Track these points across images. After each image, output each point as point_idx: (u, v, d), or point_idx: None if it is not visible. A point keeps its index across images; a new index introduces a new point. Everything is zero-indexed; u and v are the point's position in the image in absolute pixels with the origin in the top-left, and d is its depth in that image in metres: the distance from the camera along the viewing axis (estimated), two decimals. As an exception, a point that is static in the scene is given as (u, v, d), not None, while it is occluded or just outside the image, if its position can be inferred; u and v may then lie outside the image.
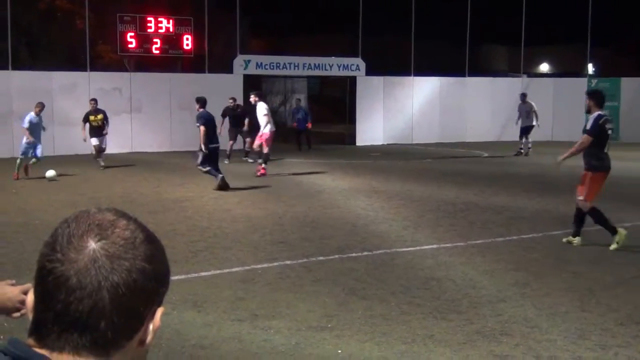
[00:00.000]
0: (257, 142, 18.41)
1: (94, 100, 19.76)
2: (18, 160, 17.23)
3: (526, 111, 24.36)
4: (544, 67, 48.80)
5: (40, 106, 17.57)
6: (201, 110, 15.64)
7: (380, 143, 28.25)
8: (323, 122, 33.88)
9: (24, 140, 17.29)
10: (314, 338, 6.21)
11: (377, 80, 29.06)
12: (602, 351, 5.93)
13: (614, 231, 9.81)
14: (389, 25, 34.76)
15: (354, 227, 11.41)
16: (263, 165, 18.01)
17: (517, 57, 33.39)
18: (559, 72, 44.31)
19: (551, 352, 5.92)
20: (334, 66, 28.77)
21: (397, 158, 23.28)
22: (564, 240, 10.12)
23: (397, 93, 29.39)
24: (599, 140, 9.89)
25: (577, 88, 31.44)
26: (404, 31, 30.33)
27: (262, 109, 18.10)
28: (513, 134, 30.51)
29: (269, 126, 18.05)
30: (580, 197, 9.98)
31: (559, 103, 31.11)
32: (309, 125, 26.71)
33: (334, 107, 34.35)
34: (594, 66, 37.71)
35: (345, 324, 6.57)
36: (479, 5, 31.30)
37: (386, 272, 8.50)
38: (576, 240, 10.01)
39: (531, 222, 11.86)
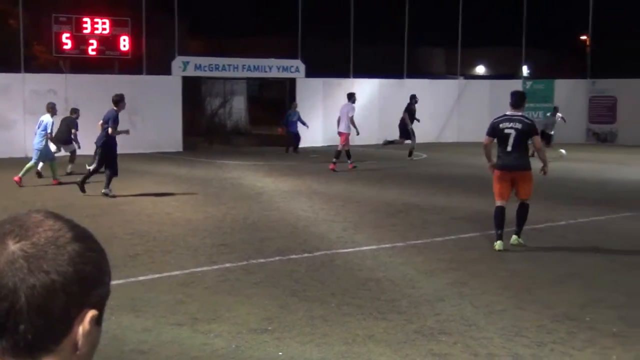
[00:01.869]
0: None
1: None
2: (52, 165, 16.57)
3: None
4: (481, 69, 49.57)
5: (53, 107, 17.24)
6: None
7: (320, 144, 28.32)
8: (263, 124, 33.79)
9: (46, 143, 16.66)
10: (255, 341, 6.19)
11: (317, 82, 29.13)
12: (538, 348, 6.06)
13: (499, 237, 9.89)
14: (329, 27, 34.86)
15: (294, 228, 11.42)
16: (334, 161, 19.66)
17: (455, 59, 33.88)
18: (495, 74, 45.07)
19: (489, 349, 6.02)
20: (273, 68, 28.73)
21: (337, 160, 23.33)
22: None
23: (336, 94, 29.46)
24: (498, 140, 10.08)
25: (512, 89, 32.01)
26: (343, 33, 30.48)
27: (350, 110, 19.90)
28: (451, 135, 31.01)
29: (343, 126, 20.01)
30: None
31: (495, 105, 31.60)
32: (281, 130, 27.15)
33: (274, 109, 34.31)
34: (529, 68, 38.44)
35: (285, 326, 6.57)
36: (417, 8, 31.65)
37: (326, 274, 8.53)
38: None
39: (469, 222, 12.04)
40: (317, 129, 28.70)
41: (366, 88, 30.09)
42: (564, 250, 9.96)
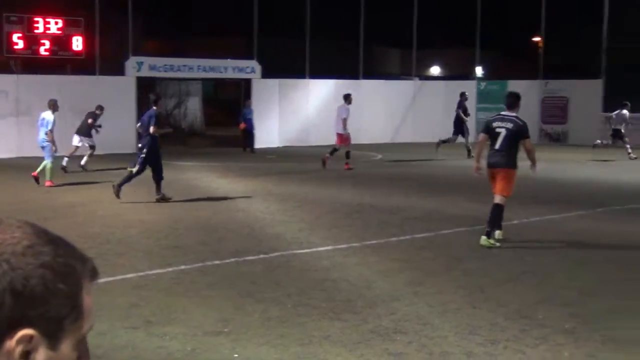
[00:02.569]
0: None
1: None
2: (50, 166, 16.20)
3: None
4: (436, 70, 49.96)
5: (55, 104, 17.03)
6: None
7: (276, 145, 28.28)
8: (218, 125, 33.63)
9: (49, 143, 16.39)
10: (210, 343, 6.16)
11: (273, 83, 29.08)
12: (491, 346, 6.12)
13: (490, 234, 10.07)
14: (284, 27, 34.82)
15: (250, 230, 11.38)
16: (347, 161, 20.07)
17: (410, 60, 34.10)
18: (449, 75, 45.45)
19: (443, 348, 6.06)
20: (229, 69, 28.61)
21: (293, 160, 23.36)
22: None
23: (292, 95, 29.50)
24: (490, 138, 10.32)
25: (467, 90, 32.36)
26: (299, 34, 30.48)
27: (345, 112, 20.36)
28: (407, 135, 31.20)
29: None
30: None
31: (449, 105, 31.90)
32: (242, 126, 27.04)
33: (230, 109, 34.17)
34: (483, 69, 38.83)
35: (241, 327, 6.55)
36: (372, 9, 31.79)
37: (282, 275, 8.52)
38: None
39: (424, 221, 12.12)
40: (273, 129, 28.66)
41: (322, 89, 30.13)
42: (517, 248, 10.08)
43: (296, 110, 29.47)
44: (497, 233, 10.22)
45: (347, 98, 20.80)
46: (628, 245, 10.31)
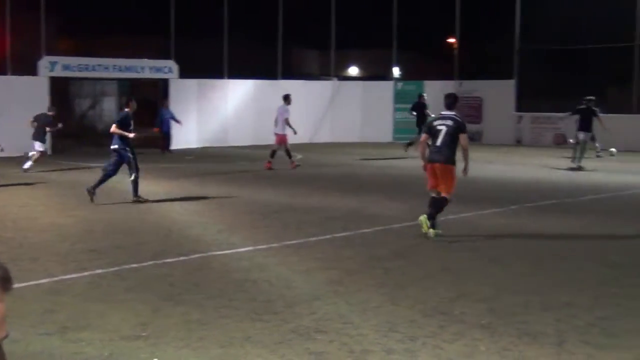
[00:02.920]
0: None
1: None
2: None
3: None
4: (354, 71, 50.33)
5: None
6: None
7: (194, 146, 28.03)
8: (136, 126, 32.97)
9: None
10: (128, 348, 6.05)
11: (191, 83, 28.81)
12: (410, 342, 6.20)
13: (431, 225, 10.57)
14: (202, 27, 34.51)
15: (168, 232, 11.24)
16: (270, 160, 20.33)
17: (328, 61, 34.28)
18: (367, 75, 45.87)
19: (364, 346, 6.11)
20: (145, 68, 28.20)
21: (212, 161, 23.19)
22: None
23: (211, 95, 29.29)
24: (431, 136, 10.98)
25: (384, 91, 32.78)
26: (217, 34, 30.27)
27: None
28: (325, 136, 31.35)
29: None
30: None
31: (367, 105, 32.25)
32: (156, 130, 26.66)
33: (147, 110, 33.64)
34: (400, 70, 39.32)
35: (160, 331, 6.46)
36: (290, 9, 31.83)
37: (202, 277, 8.44)
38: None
39: (344, 221, 12.20)
40: (191, 130, 28.37)
41: (241, 89, 30.03)
42: (434, 246, 10.25)
43: (215, 111, 29.29)
44: (422, 218, 10.67)
45: (287, 98, 20.82)
46: (540, 242, 10.62)
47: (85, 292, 7.76)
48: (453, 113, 11.00)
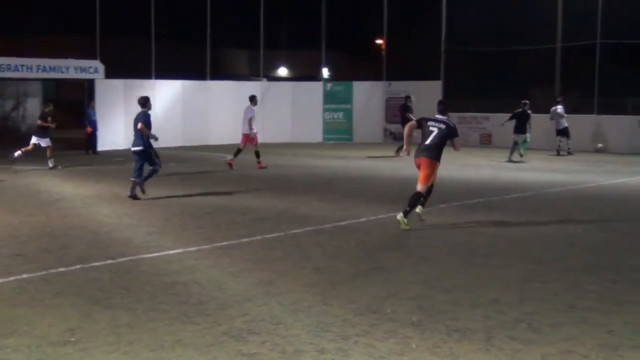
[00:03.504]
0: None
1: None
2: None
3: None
4: (283, 71, 50.37)
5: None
6: None
7: (122, 148, 27.58)
8: (61, 127, 32.32)
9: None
10: (57, 354, 5.93)
11: (117, 83, 28.36)
12: (343, 341, 6.24)
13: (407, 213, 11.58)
14: (129, 27, 34.04)
15: (96, 235, 11.05)
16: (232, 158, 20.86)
17: (257, 61, 34.21)
18: (297, 76, 45.96)
19: (296, 346, 6.13)
20: (70, 68, 27.64)
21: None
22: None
23: (138, 96, 28.86)
24: (422, 134, 12.05)
25: (313, 91, 32.90)
26: (144, 34, 29.89)
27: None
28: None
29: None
30: None
31: (297, 106, 32.30)
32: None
33: (72, 111, 33.00)
34: (329, 70, 39.53)
35: (89, 336, 6.34)
36: (218, 9, 31.64)
37: (131, 280, 8.33)
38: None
39: (275, 222, 12.19)
40: (118, 131, 27.93)
41: (169, 90, 29.71)
42: (366, 245, 10.33)
43: (142, 112, 28.87)
44: (419, 209, 11.91)
45: (253, 99, 21.22)
46: (468, 240, 10.80)
47: (11, 298, 7.57)
48: (445, 118, 12.06)
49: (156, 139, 15.42)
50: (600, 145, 26.47)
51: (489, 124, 30.02)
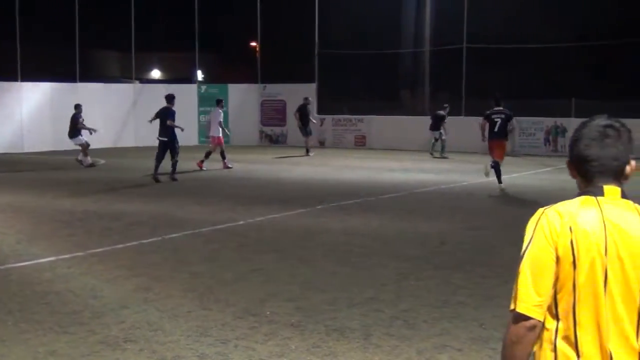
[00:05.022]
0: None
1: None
2: None
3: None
4: (156, 73, 49.55)
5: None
6: None
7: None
8: None
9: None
10: None
11: (-19, 86, 27.14)
12: (222, 345, 6.22)
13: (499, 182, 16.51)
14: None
15: (-39, 244, 10.55)
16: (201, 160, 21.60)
17: (129, 63, 33.51)
18: (170, 78, 45.31)
19: (175, 352, 6.06)
20: None
21: (6, 169, 21.96)
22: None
23: (3, 99, 27.73)
24: (489, 123, 16.54)
25: (188, 94, 32.52)
26: (9, 35, 28.70)
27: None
28: (129, 140, 30.61)
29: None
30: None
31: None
32: None
33: None
34: (203, 73, 39.21)
35: (-45, 351, 6.06)
36: (87, 8, 30.80)
37: (0, 291, 7.99)
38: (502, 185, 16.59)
39: (150, 226, 11.99)
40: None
41: (36, 93, 28.66)
42: (244, 248, 10.33)
43: (9, 116, 27.76)
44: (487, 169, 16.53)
45: (219, 103, 22.55)
46: (345, 240, 10.98)
47: None
48: (502, 108, 16.52)
49: (182, 129, 19.17)
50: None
51: (363, 126, 30.58)
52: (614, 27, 30.01)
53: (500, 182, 16.41)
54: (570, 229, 2.53)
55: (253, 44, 36.76)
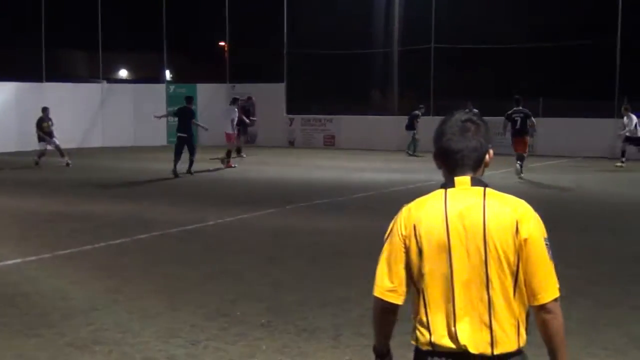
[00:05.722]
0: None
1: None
2: None
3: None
4: (124, 73, 49.19)
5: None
6: None
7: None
8: None
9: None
10: None
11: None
12: (192, 347, 6.20)
13: (520, 167, 18.52)
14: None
15: None
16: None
17: (96, 63, 33.24)
18: (138, 78, 45.02)
19: (145, 354, 6.02)
20: None
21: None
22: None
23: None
24: (511, 122, 18.80)
25: (156, 93, 32.35)
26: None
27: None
28: (97, 140, 30.36)
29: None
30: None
31: (139, 109, 31.62)
32: None
33: None
34: (171, 72, 38.99)
35: None
36: (53, 7, 30.50)
37: (-34, 293, 7.90)
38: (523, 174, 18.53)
39: (119, 227, 11.90)
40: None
41: (2, 93, 28.31)
42: (213, 249, 10.29)
43: (-27, 116, 27.39)
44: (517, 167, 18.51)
45: (235, 101, 23.56)
46: (315, 240, 10.99)
47: None
48: (521, 107, 18.73)
49: (206, 129, 20.87)
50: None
51: (332, 126, 30.62)
52: (580, 27, 30.38)
53: (521, 172, 18.59)
54: (417, 222, 2.83)
55: (222, 43, 36.63)
